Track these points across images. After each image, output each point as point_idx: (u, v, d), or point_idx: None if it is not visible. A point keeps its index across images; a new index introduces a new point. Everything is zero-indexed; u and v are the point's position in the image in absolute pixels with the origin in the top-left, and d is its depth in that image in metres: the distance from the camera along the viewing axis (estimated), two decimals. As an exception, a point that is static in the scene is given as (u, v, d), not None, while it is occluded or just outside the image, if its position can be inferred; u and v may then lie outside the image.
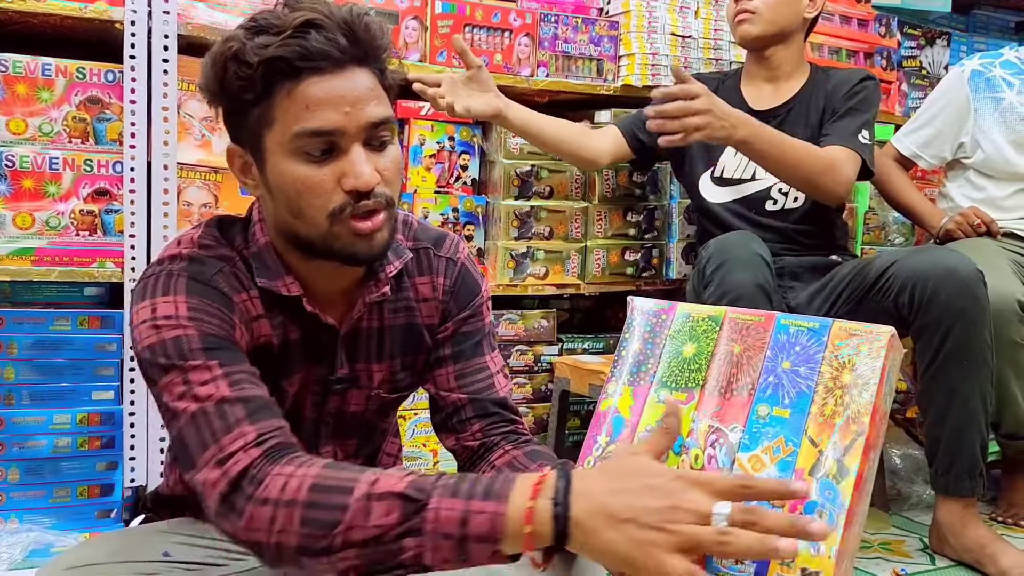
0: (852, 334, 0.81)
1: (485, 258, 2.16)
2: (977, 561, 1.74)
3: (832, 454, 0.77)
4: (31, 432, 1.72)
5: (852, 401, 0.78)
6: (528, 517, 0.74)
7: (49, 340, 1.74)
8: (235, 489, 0.81)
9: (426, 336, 1.13)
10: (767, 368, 0.82)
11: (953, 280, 1.68)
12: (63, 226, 1.75)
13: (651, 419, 0.84)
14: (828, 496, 0.76)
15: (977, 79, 2.27)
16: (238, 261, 1.01)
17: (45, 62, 1.73)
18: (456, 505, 0.76)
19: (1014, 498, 2.11)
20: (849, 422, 0.78)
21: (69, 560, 0.98)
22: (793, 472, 0.78)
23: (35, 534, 1.67)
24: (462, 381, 1.11)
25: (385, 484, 0.78)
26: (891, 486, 2.26)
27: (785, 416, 0.80)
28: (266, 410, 0.88)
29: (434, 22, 2.09)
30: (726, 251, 1.72)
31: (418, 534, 0.76)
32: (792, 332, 0.83)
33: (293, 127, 0.91)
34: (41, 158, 1.72)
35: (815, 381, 0.80)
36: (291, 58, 0.89)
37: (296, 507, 0.78)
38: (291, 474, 0.80)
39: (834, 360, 0.80)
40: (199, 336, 0.90)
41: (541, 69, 2.22)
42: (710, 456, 0.81)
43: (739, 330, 0.85)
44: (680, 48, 2.35)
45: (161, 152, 1.79)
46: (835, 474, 0.77)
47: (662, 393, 0.85)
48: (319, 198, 0.92)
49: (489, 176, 2.19)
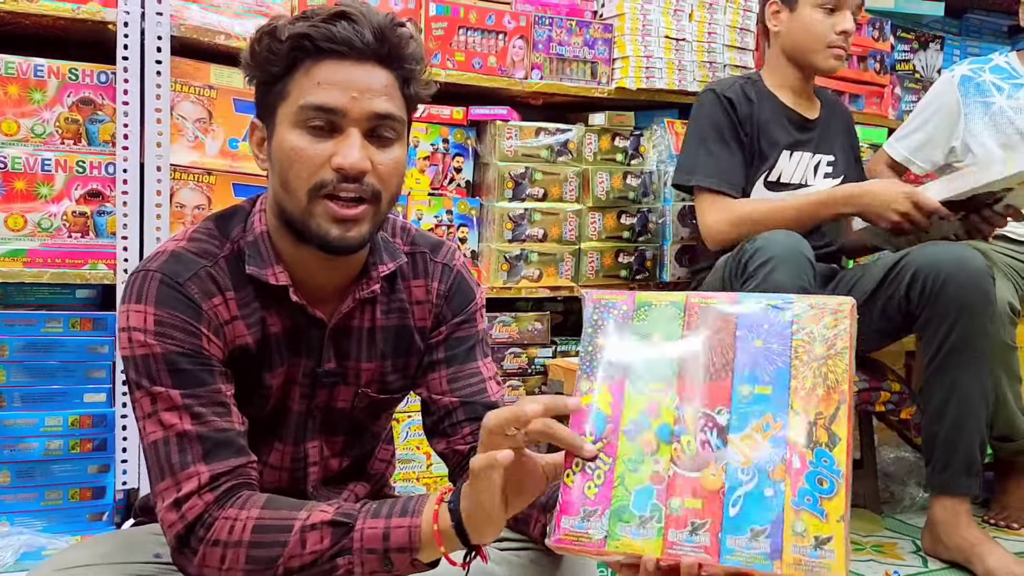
0: (815, 307, 0.83)
1: (479, 260, 2.16)
2: (967, 560, 1.75)
3: (821, 424, 0.79)
4: (22, 435, 1.71)
5: (830, 371, 0.80)
6: (435, 518, 0.88)
7: (41, 342, 1.73)
8: (190, 532, 0.91)
9: (417, 339, 1.13)
10: (740, 348, 0.83)
11: (964, 272, 1.72)
12: (55, 228, 1.74)
13: (633, 412, 0.84)
14: (825, 464, 0.78)
15: (967, 84, 2.29)
16: (222, 259, 1.02)
17: (37, 63, 1.73)
18: (378, 524, 0.90)
19: (1006, 501, 2.12)
20: (830, 391, 0.80)
21: (59, 562, 0.98)
22: (787, 446, 0.79)
23: (26, 537, 1.66)
24: (454, 385, 1.11)
25: (317, 516, 0.91)
26: (884, 488, 2.26)
27: (768, 393, 0.81)
28: (223, 447, 0.95)
29: (428, 25, 2.09)
30: (772, 249, 1.71)
31: (348, 552, 0.89)
32: (758, 310, 0.84)
33: (301, 100, 0.96)
34: (33, 159, 1.72)
35: (790, 356, 0.82)
36: (316, 37, 0.95)
37: (242, 547, 0.90)
38: (236, 517, 0.91)
39: (803, 334, 0.82)
40: (164, 356, 0.96)
41: (535, 71, 2.22)
42: (703, 441, 0.81)
43: (704, 313, 0.85)
44: (674, 51, 2.35)
45: (154, 154, 1.78)
46: (827, 442, 0.78)
47: (639, 384, 0.85)
48: (306, 169, 0.96)
49: (483, 178, 2.19)
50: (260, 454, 1.07)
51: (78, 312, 1.77)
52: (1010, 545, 1.86)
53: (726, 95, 2.01)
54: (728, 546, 0.77)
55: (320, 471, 1.12)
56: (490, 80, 2.16)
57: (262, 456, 1.08)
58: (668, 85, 2.33)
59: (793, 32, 2.05)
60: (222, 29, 1.85)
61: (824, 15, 2.01)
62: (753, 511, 0.78)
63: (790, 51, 2.07)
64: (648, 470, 0.81)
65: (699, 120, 2.04)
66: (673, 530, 0.79)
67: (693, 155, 2.02)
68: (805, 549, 0.75)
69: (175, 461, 0.93)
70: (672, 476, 0.81)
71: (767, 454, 0.79)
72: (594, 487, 0.82)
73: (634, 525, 0.80)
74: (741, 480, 0.79)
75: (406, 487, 2.00)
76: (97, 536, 1.14)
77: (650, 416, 0.83)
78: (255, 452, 1.06)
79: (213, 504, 0.92)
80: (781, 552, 0.76)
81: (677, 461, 0.81)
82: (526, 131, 2.17)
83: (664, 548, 0.79)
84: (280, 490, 1.10)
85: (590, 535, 0.81)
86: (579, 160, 2.23)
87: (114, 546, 1.03)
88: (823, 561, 0.75)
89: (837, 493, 0.77)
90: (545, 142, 2.18)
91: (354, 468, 1.18)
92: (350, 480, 1.17)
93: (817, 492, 0.77)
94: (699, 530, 0.78)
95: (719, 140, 1.99)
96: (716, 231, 1.96)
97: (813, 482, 0.77)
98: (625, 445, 0.83)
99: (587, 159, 2.25)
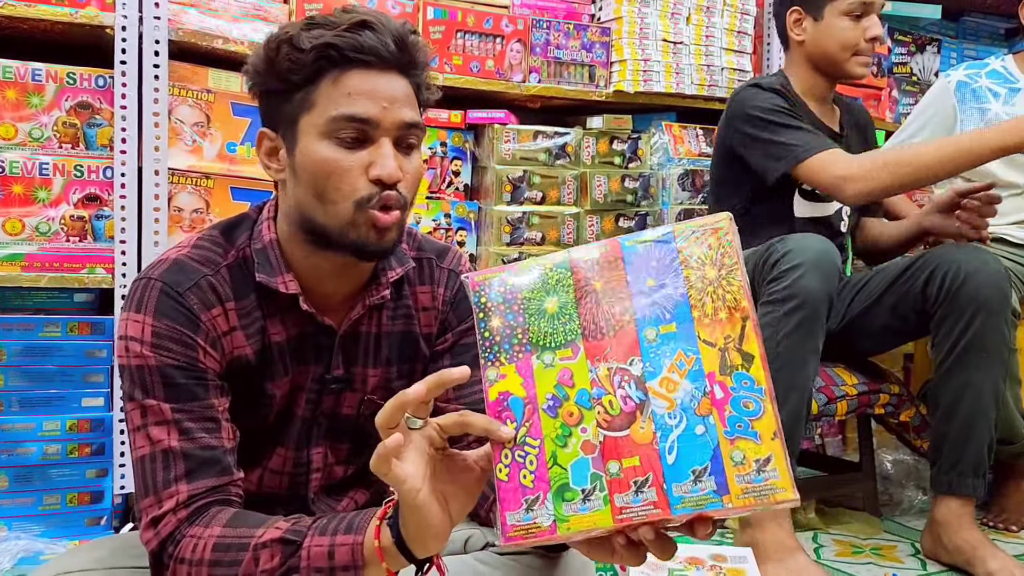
0: (695, 230, 0.81)
1: (477, 264, 2.16)
2: (967, 562, 1.75)
3: (732, 346, 0.78)
4: (20, 439, 1.71)
5: (725, 292, 0.79)
6: (376, 535, 0.85)
7: (39, 346, 1.73)
8: (162, 549, 0.93)
9: (423, 345, 1.13)
10: (635, 292, 0.81)
11: (983, 272, 1.72)
12: (53, 232, 1.74)
13: (547, 387, 0.81)
14: (746, 386, 0.77)
15: (963, 90, 2.29)
16: (224, 267, 1.02)
17: (35, 67, 1.73)
18: (324, 542, 0.88)
19: (1005, 504, 2.12)
20: (732, 312, 0.79)
21: (57, 567, 0.98)
22: (705, 379, 0.78)
23: (24, 542, 1.66)
24: (460, 392, 1.10)
25: (269, 534, 0.90)
26: (883, 491, 2.26)
27: (673, 331, 0.79)
28: (207, 466, 0.95)
29: (426, 28, 2.09)
30: (804, 254, 1.65)
31: (296, 571, 0.88)
32: (641, 251, 0.82)
33: (331, 111, 0.96)
34: (31, 163, 1.72)
35: (684, 288, 0.80)
36: (343, 47, 0.95)
37: (204, 566, 0.90)
38: (199, 535, 0.92)
39: (692, 261, 0.81)
40: (159, 368, 0.96)
41: (533, 75, 2.22)
42: (623, 396, 0.79)
43: (591, 267, 0.83)
44: (672, 54, 2.36)
45: (152, 158, 1.78)
46: (742, 364, 0.77)
47: (546, 356, 0.82)
48: (346, 183, 0.96)
49: (481, 182, 2.19)
50: (260, 458, 1.07)
51: (76, 316, 1.77)
52: (1009, 547, 1.85)
53: (768, 86, 1.95)
54: (675, 495, 0.75)
55: (323, 478, 1.12)
56: (488, 84, 2.16)
57: (262, 460, 1.08)
58: (666, 88, 2.34)
59: (820, 41, 1.98)
60: (220, 33, 1.85)
61: (852, 22, 1.94)
62: (690, 453, 0.76)
63: (817, 60, 2.00)
64: (578, 441, 0.79)
65: (755, 113, 1.91)
66: (618, 495, 0.77)
67: (778, 141, 1.87)
68: (749, 476, 0.75)
69: (159, 479, 0.94)
70: (603, 441, 0.78)
71: (688, 392, 0.78)
72: (528, 474, 0.79)
73: (579, 501, 0.77)
74: (670, 425, 0.77)
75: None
76: (95, 541, 1.13)
77: (565, 386, 0.81)
78: (255, 455, 1.06)
79: (184, 522, 0.93)
80: (727, 485, 0.75)
81: (603, 424, 0.79)
82: (524, 134, 2.17)
83: (614, 516, 0.76)
84: (279, 495, 1.10)
85: (539, 524, 0.78)
86: (577, 163, 2.24)
87: (112, 551, 1.03)
88: (769, 482, 0.74)
89: (764, 412, 0.76)
90: (543, 145, 2.19)
91: (357, 475, 1.17)
92: (351, 487, 1.17)
93: (746, 416, 0.76)
94: (643, 487, 0.76)
95: (788, 117, 1.89)
96: (863, 181, 1.75)
97: (739, 407, 0.76)
98: (548, 422, 0.80)
99: (585, 162, 2.25)
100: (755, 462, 0.75)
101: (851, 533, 2.02)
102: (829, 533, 2.02)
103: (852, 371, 2.01)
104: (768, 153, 1.90)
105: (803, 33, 2.01)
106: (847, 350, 2.01)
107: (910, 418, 2.08)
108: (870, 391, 2.01)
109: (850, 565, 1.82)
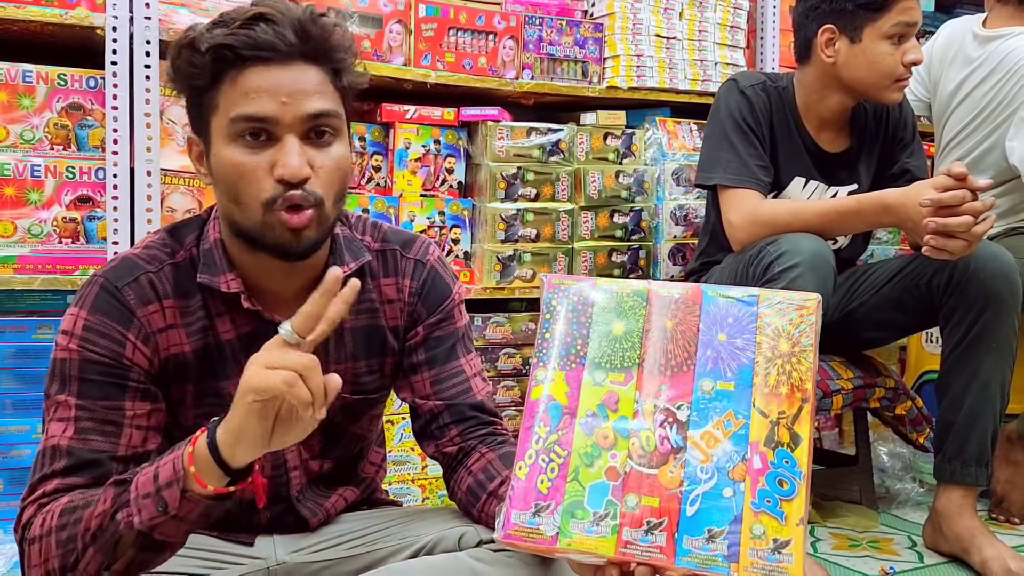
0: (780, 301, 0.81)
1: (471, 261, 2.16)
2: (964, 550, 1.75)
3: (784, 423, 0.77)
4: (14, 441, 1.71)
5: (793, 369, 0.79)
6: (193, 442, 0.86)
7: (32, 349, 1.73)
8: (21, 538, 0.94)
9: (390, 338, 1.13)
10: (703, 342, 0.81)
11: (994, 264, 1.72)
12: (45, 234, 1.74)
13: (590, 403, 0.81)
14: (787, 465, 0.77)
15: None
16: (168, 266, 1.02)
17: (26, 69, 1.72)
18: (149, 470, 0.88)
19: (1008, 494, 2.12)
20: (793, 390, 0.78)
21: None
22: (748, 445, 0.77)
23: (19, 545, 1.65)
24: (438, 387, 1.10)
25: (109, 484, 0.90)
26: (879, 484, 2.26)
27: (730, 389, 0.80)
28: (85, 468, 0.95)
29: (418, 26, 2.09)
30: (799, 255, 1.62)
31: (126, 505, 0.87)
32: (721, 304, 0.82)
33: (231, 112, 0.94)
34: (23, 165, 1.71)
35: (754, 352, 0.80)
36: (237, 47, 0.93)
37: (52, 535, 0.90)
38: (49, 510, 0.92)
39: (768, 329, 0.80)
40: (79, 363, 0.97)
41: (526, 72, 2.22)
42: (662, 437, 0.79)
43: (667, 304, 0.83)
44: (665, 50, 2.35)
45: (144, 158, 1.78)
46: (788, 443, 0.77)
47: (597, 375, 0.82)
48: (252, 185, 0.95)
49: (475, 179, 2.19)
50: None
51: (69, 318, 1.77)
52: (1006, 539, 1.86)
53: (745, 90, 1.90)
54: (684, 547, 0.75)
55: (302, 475, 1.11)
56: (481, 81, 2.16)
57: None
58: (659, 84, 2.33)
59: (856, 67, 1.83)
60: (211, 32, 1.85)
61: (892, 46, 1.80)
62: (711, 511, 0.76)
63: (849, 84, 1.86)
64: (604, 465, 0.79)
65: (718, 114, 1.91)
66: (628, 528, 0.77)
67: (714, 152, 1.88)
68: (763, 552, 0.74)
69: (38, 474, 0.96)
70: (629, 472, 0.78)
71: (727, 452, 0.77)
72: (547, 481, 0.79)
73: (588, 522, 0.77)
74: (700, 479, 0.77)
75: (401, 489, 2.00)
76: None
77: (608, 409, 0.81)
78: None
79: (38, 508, 0.93)
80: (738, 555, 0.74)
81: (634, 457, 0.79)
82: (517, 131, 2.16)
83: (618, 547, 0.76)
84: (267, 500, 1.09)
85: (541, 531, 0.78)
86: (571, 160, 2.23)
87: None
88: (781, 565, 0.73)
89: (797, 495, 0.75)
90: (537, 142, 2.18)
91: (341, 471, 1.17)
92: (338, 484, 1.17)
93: (777, 494, 0.75)
94: (655, 529, 0.76)
95: (739, 132, 1.86)
96: (741, 231, 1.80)
97: (773, 483, 0.76)
98: (582, 438, 0.80)
99: (579, 158, 2.24)
100: (774, 541, 0.74)
101: (848, 526, 2.02)
102: (826, 526, 2.02)
103: (848, 365, 2.01)
104: (705, 157, 1.93)
105: (835, 55, 1.85)
106: (844, 342, 2.01)
107: (906, 411, 2.09)
108: (866, 385, 2.01)
109: (847, 558, 1.82)
